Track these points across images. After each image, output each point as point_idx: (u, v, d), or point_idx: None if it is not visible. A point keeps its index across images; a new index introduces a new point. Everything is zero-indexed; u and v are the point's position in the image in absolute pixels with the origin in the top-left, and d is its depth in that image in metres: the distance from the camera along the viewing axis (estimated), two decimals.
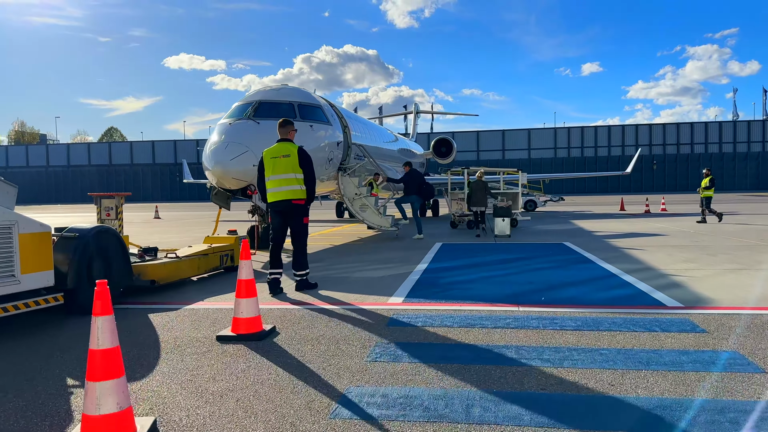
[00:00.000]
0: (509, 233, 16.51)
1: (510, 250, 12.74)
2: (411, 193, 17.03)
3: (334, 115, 15.67)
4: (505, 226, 16.72)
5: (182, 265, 8.11)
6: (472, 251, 12.65)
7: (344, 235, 17.51)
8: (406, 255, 11.86)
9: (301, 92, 15.08)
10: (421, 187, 17.21)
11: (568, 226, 19.81)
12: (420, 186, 17.17)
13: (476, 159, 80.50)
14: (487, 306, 6.50)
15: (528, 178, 27.25)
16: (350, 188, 16.03)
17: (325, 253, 12.83)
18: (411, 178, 17.17)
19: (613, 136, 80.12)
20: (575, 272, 9.12)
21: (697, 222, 20.20)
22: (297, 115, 13.88)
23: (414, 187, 17.05)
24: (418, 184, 17.13)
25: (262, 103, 13.89)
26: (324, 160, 14.48)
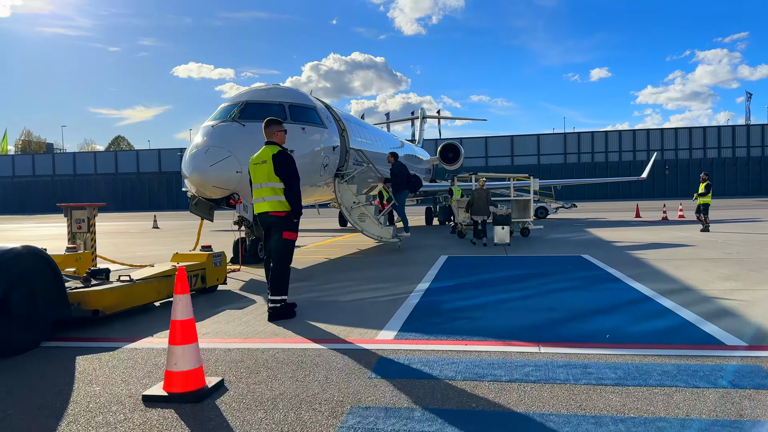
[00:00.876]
0: (509, 242, 15.70)
1: (523, 264, 11.42)
2: (401, 188, 15.76)
3: (330, 117, 14.44)
4: (504, 235, 15.82)
5: (136, 290, 6.86)
6: (481, 266, 11.34)
7: (343, 247, 16.24)
8: (407, 271, 10.57)
9: (294, 92, 13.87)
10: (410, 179, 15.97)
11: (584, 236, 18.45)
12: (408, 178, 15.92)
13: (485, 165, 79.13)
14: (499, 345, 5.20)
15: (539, 184, 25.90)
16: (348, 196, 14.78)
17: (317, 268, 11.57)
18: (399, 171, 15.81)
19: (624, 141, 78.55)
20: (602, 294, 7.80)
21: (701, 231, 18.91)
22: (288, 117, 12.67)
23: (403, 181, 15.75)
24: (406, 176, 15.89)
25: (249, 103, 12.69)
26: (318, 166, 13.25)
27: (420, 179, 16.63)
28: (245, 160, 11.06)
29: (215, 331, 6.05)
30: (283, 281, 6.68)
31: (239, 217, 12.64)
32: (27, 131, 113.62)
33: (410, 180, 15.97)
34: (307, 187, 13.27)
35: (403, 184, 15.73)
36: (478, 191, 16.79)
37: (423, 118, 42.34)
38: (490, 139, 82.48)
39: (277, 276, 6.73)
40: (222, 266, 8.87)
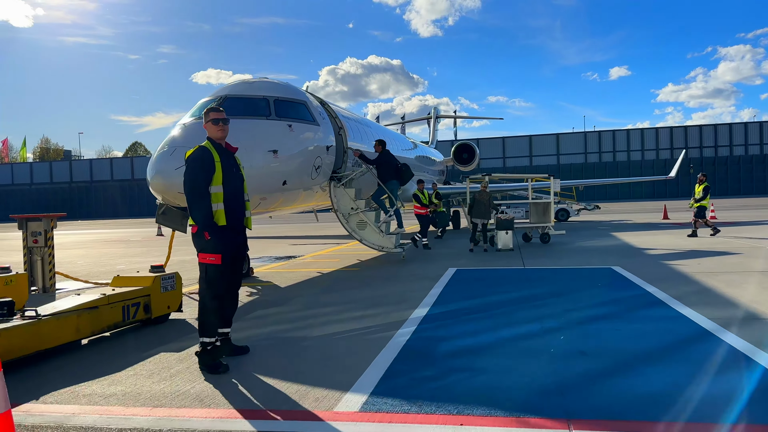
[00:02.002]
0: (512, 247, 14.85)
1: (544, 280, 9.73)
2: (388, 178, 14.03)
3: (323, 114, 12.86)
4: (507, 240, 14.88)
5: (44, 328, 5.32)
6: (494, 282, 9.68)
7: (342, 258, 14.65)
8: (406, 290, 8.95)
9: (282, 86, 12.32)
10: (399, 169, 14.26)
11: (612, 241, 16.66)
12: (397, 168, 14.22)
13: (502, 166, 77.17)
14: (512, 427, 3.55)
15: (560, 185, 24.11)
16: (345, 201, 13.19)
17: (302, 286, 9.98)
18: (386, 160, 14.06)
19: (647, 139, 76.07)
20: (646, 327, 6.10)
21: (688, 236, 17.34)
22: (272, 113, 11.12)
23: (391, 171, 14.07)
24: (394, 165, 14.16)
25: (228, 98, 11.17)
26: (308, 168, 11.68)
27: (410, 169, 14.73)
28: None
29: (123, 392, 4.46)
30: (203, 317, 5.11)
31: None
32: (45, 138, 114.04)
33: (399, 170, 14.25)
34: (296, 191, 11.72)
35: (391, 174, 14.04)
36: (480, 193, 15.40)
37: (437, 118, 40.65)
38: (507, 139, 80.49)
39: (199, 310, 5.19)
40: (176, 290, 7.33)
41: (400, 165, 14.36)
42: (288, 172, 11.02)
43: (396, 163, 14.21)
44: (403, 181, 14.47)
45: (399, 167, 14.23)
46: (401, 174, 14.21)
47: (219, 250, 5.06)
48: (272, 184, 10.70)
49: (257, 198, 10.56)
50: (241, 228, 5.31)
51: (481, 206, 15.33)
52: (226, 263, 5.10)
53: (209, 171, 5.08)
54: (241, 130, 10.43)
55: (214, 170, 5.08)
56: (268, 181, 10.56)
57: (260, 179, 10.30)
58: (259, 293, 9.28)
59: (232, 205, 5.16)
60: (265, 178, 10.42)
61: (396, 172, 14.12)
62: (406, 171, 14.38)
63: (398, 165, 14.26)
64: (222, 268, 5.08)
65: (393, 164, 14.11)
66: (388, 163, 13.97)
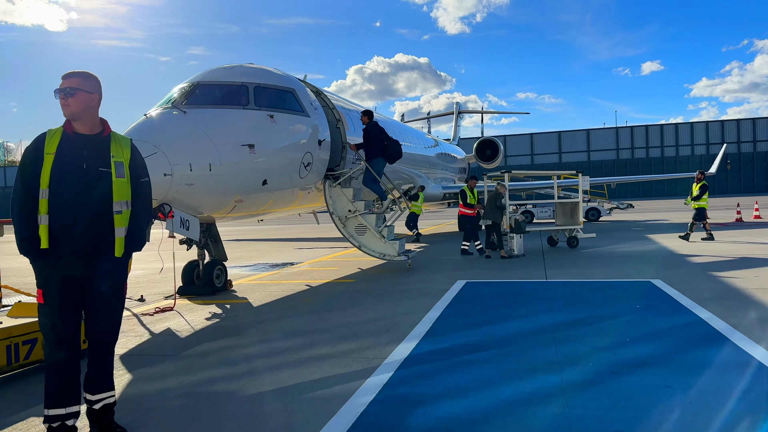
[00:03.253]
0: (519, 253, 13.46)
1: (568, 299, 8.00)
2: (374, 155, 12.27)
3: (315, 103, 11.29)
4: (514, 245, 13.51)
5: None
6: (507, 302, 7.99)
7: (343, 265, 13.07)
8: (398, 311, 7.33)
9: (265, 71, 10.79)
10: (386, 144, 12.44)
11: (648, 246, 14.78)
12: (383, 144, 12.39)
13: (530, 163, 74.86)
14: None
15: (589, 182, 22.21)
16: (342, 203, 11.61)
17: (276, 307, 8.41)
18: (373, 134, 12.26)
19: (681, 134, 72.98)
20: (707, 381, 4.38)
21: (680, 237, 16.04)
22: (250, 101, 9.61)
23: (377, 147, 12.29)
24: (380, 141, 12.34)
25: (199, 85, 9.70)
26: (295, 165, 10.13)
27: (399, 146, 12.83)
28: (181, 157, 8.10)
29: None
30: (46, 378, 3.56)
31: None
32: None
33: (385, 146, 12.42)
34: (281, 191, 10.20)
35: (377, 150, 12.29)
36: (491, 193, 13.79)
37: (459, 113, 38.84)
38: (536, 135, 78.11)
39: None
40: None
41: (387, 140, 12.55)
42: (269, 170, 9.50)
43: (383, 138, 12.43)
44: (390, 159, 12.65)
45: (387, 143, 12.41)
46: (386, 150, 12.39)
47: (40, 284, 3.51)
48: (249, 183, 9.18)
49: (232, 200, 9.07)
50: (85, 252, 3.57)
51: (487, 206, 13.82)
52: (52, 304, 3.51)
53: (33, 167, 3.50)
54: (210, 122, 8.94)
55: (41, 166, 3.49)
56: (244, 181, 9.05)
57: (233, 178, 8.79)
58: (221, 316, 7.75)
59: (66, 218, 3.50)
60: (240, 176, 8.91)
61: (382, 147, 12.30)
62: (393, 147, 12.56)
63: (386, 140, 12.45)
64: (47, 311, 3.51)
65: (380, 138, 12.32)
66: (374, 138, 12.22)
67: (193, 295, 9.45)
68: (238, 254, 16.83)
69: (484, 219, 13.82)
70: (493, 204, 13.63)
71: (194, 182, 8.20)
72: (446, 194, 23.27)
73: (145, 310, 8.25)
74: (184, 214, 8.42)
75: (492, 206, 13.63)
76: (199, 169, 8.24)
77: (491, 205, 13.66)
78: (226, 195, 8.86)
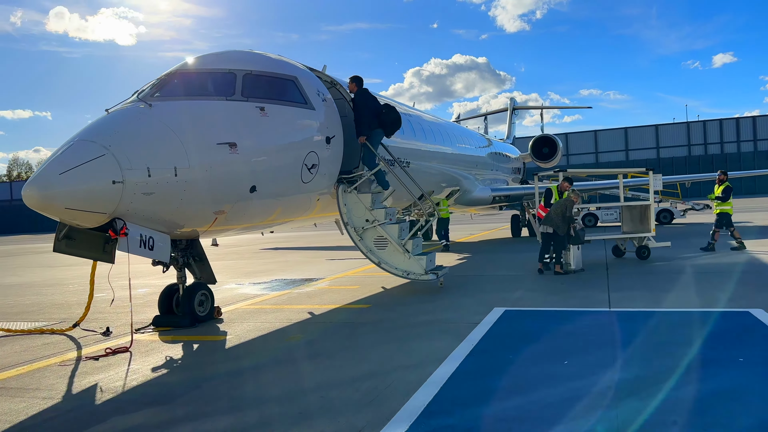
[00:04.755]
0: (576, 267, 11.35)
1: (639, 343, 5.84)
2: (370, 127, 10.03)
3: (325, 95, 9.51)
4: (573, 257, 11.40)
5: None
6: (555, 346, 5.90)
7: (366, 283, 11.19)
8: (403, 361, 5.41)
9: (260, 57, 9.10)
10: (382, 113, 10.28)
11: (735, 256, 12.25)
12: (378, 112, 10.23)
13: (595, 162, 70.92)
14: None
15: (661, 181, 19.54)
16: (358, 211, 9.78)
17: (252, 347, 6.60)
18: (364, 102, 10.10)
19: (759, 128, 67.36)
20: None
21: (701, 249, 13.59)
22: (236, 91, 7.91)
23: (371, 115, 10.08)
24: (374, 109, 10.17)
25: (178, 73, 8.09)
26: (293, 167, 8.37)
27: (398, 115, 10.63)
28: (136, 160, 6.45)
29: None
30: None
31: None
32: None
33: (382, 115, 10.23)
34: (278, 199, 8.44)
35: (372, 120, 10.09)
36: (560, 199, 11.57)
37: (513, 110, 36.33)
38: (600, 132, 74.03)
39: None
40: None
41: (388, 110, 10.42)
42: (258, 174, 7.76)
43: (377, 106, 10.33)
44: (388, 130, 10.46)
45: (383, 111, 10.28)
46: (385, 119, 10.24)
47: None
48: (232, 190, 7.47)
49: (210, 212, 7.38)
50: None
51: (551, 211, 11.46)
52: None
53: None
54: (180, 116, 7.23)
55: None
56: (224, 187, 7.34)
57: (209, 184, 7.10)
58: (176, 364, 6.03)
59: None
60: (218, 182, 7.20)
61: (378, 116, 10.15)
62: (391, 114, 10.39)
63: (381, 108, 10.33)
64: None
65: (373, 107, 10.20)
66: (367, 107, 10.09)
67: (170, 327, 7.82)
68: (261, 267, 15.30)
69: (545, 225, 11.42)
70: (560, 212, 11.26)
71: (155, 191, 6.55)
72: (496, 197, 21.02)
73: (94, 351, 6.65)
74: (145, 230, 6.78)
75: (559, 214, 11.23)
76: (161, 174, 6.59)
77: (558, 212, 11.27)
78: (201, 206, 7.17)
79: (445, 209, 18.03)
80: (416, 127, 13.91)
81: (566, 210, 11.13)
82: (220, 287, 11.68)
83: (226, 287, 11.74)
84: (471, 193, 19.67)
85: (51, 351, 6.81)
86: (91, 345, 6.97)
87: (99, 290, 8.57)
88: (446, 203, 17.66)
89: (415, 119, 14.42)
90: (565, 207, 11.18)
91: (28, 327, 8.28)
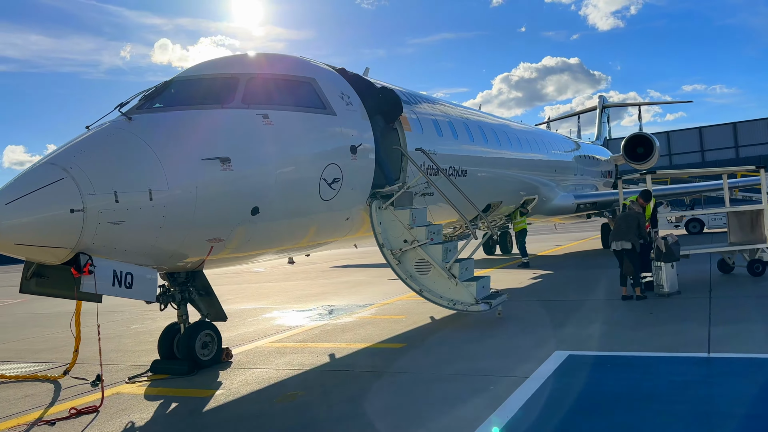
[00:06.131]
0: (671, 289, 9.16)
1: (752, 415, 4.07)
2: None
3: (350, 98, 8.22)
4: (664, 278, 9.17)
5: None
6: (626, 422, 4.22)
7: (415, 313, 9.68)
8: None
9: (271, 58, 7.99)
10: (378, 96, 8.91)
11: None
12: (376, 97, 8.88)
13: (701, 160, 65.25)
14: None
15: None
16: (395, 231, 8.39)
17: (235, 411, 5.32)
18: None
19: None
20: None
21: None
22: (235, 98, 6.79)
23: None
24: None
25: (175, 82, 7.07)
26: (309, 182, 7.12)
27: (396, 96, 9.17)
28: (100, 183, 5.40)
29: None
30: None
31: (161, 289, 6.99)
32: None
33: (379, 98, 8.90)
34: (290, 221, 7.19)
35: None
36: (629, 209, 9.54)
37: (603, 108, 33.52)
38: (705, 129, 68.21)
39: None
40: None
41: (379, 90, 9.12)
42: (261, 192, 6.56)
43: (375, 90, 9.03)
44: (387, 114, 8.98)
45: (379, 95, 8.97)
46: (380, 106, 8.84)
47: None
48: (227, 214, 6.30)
49: (202, 240, 6.24)
50: None
51: (621, 225, 9.51)
52: None
53: None
54: (160, 130, 6.17)
55: None
56: (216, 210, 6.18)
57: (196, 209, 5.95)
58: None
59: None
60: (207, 205, 6.04)
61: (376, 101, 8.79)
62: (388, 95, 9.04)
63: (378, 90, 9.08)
64: None
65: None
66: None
67: (168, 374, 6.74)
68: (318, 290, 14.25)
69: (616, 241, 9.52)
70: (633, 224, 9.33)
71: (124, 218, 5.48)
72: (581, 205, 18.84)
73: (57, 411, 5.63)
74: (121, 264, 5.73)
75: (633, 227, 9.30)
76: (132, 198, 5.52)
77: (632, 224, 9.33)
78: (188, 233, 6.04)
79: (522, 221, 16.20)
80: (474, 131, 12.29)
81: (640, 222, 9.25)
82: (261, 316, 10.68)
83: (268, 316, 10.69)
84: (551, 201, 17.70)
85: (22, 407, 5.89)
86: (61, 402, 5.98)
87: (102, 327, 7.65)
88: (516, 214, 15.86)
89: (474, 123, 12.80)
90: (637, 220, 9.27)
91: (20, 372, 7.48)
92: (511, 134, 14.78)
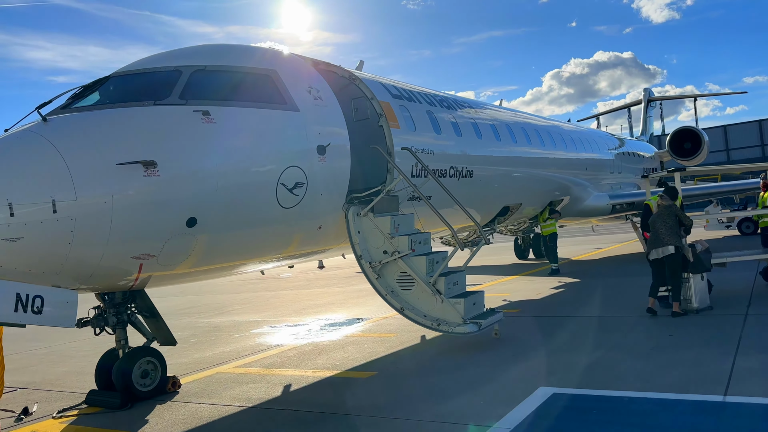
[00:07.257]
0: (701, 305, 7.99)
1: None
2: None
3: (321, 92, 7.31)
4: (693, 292, 7.97)
5: None
6: None
7: (406, 332, 8.67)
8: None
9: (226, 49, 7.18)
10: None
11: None
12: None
13: (761, 155, 61.46)
14: None
15: None
16: (375, 240, 7.42)
17: None
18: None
19: None
20: None
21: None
22: (172, 93, 5.96)
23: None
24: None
25: (111, 78, 6.32)
26: (263, 188, 6.24)
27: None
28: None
29: None
30: None
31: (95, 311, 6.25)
32: None
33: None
34: (239, 232, 6.31)
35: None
36: (659, 207, 8.20)
37: (649, 101, 31.55)
38: (765, 122, 64.30)
39: None
40: None
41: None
42: (198, 201, 5.70)
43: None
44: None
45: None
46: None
47: None
48: (156, 226, 5.48)
49: (127, 257, 5.45)
50: None
51: (659, 228, 8.18)
52: None
53: None
54: (75, 132, 5.40)
55: None
56: (141, 223, 5.38)
57: (114, 221, 5.17)
58: None
59: None
60: (129, 217, 5.25)
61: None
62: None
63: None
64: None
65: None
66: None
67: (102, 408, 5.97)
68: (326, 300, 13.50)
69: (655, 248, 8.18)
70: (671, 223, 8.07)
71: (22, 234, 4.74)
72: (616, 206, 17.35)
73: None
74: (27, 287, 4.99)
75: (664, 228, 8.09)
76: (31, 210, 4.77)
77: (665, 225, 8.08)
78: (107, 249, 5.24)
79: (552, 224, 14.89)
80: (483, 128, 11.16)
81: (670, 215, 7.97)
82: (249, 331, 9.91)
83: (256, 331, 9.93)
84: (582, 201, 16.34)
85: None
86: None
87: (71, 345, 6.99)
88: (544, 217, 14.57)
89: (483, 119, 11.66)
90: (675, 214, 8.00)
91: None
92: (531, 130, 13.54)
